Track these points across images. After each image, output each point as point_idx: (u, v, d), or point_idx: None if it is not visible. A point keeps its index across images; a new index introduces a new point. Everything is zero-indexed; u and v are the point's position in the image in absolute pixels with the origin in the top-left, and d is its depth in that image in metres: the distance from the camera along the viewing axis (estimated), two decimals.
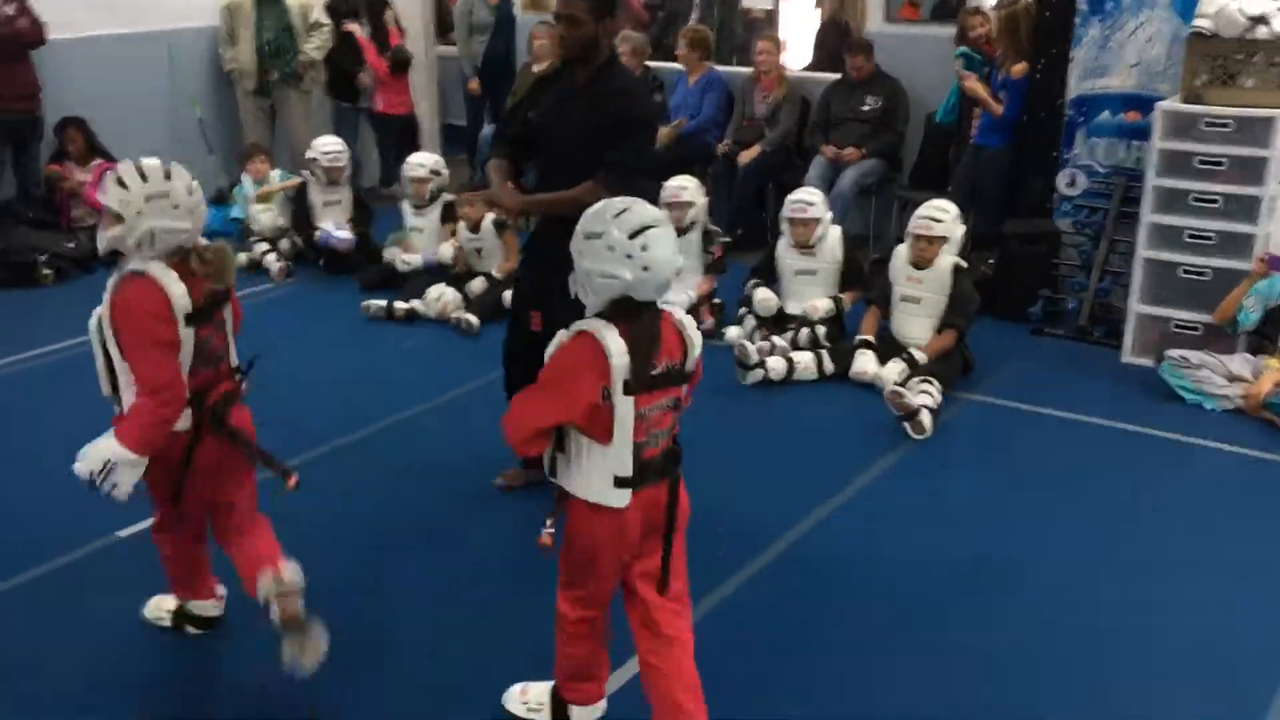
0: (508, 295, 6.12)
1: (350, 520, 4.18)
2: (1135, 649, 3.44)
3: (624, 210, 2.65)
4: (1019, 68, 6.45)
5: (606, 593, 2.87)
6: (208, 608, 3.48)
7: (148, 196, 2.92)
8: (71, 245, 7.18)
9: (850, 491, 4.38)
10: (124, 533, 4.01)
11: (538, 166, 4.24)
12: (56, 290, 6.87)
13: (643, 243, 2.59)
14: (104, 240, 3.01)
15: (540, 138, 4.11)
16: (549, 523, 2.77)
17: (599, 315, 2.67)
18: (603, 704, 3.07)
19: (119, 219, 2.91)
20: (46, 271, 6.95)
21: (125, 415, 2.98)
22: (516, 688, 3.13)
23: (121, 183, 2.93)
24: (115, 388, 3.04)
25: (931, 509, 4.27)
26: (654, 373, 2.66)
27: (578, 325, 2.68)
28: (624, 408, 2.61)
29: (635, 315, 2.65)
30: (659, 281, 2.63)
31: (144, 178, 2.95)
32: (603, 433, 2.63)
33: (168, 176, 2.98)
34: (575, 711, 3.05)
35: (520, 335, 4.13)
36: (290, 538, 3.54)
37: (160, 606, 3.53)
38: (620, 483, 2.67)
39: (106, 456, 2.88)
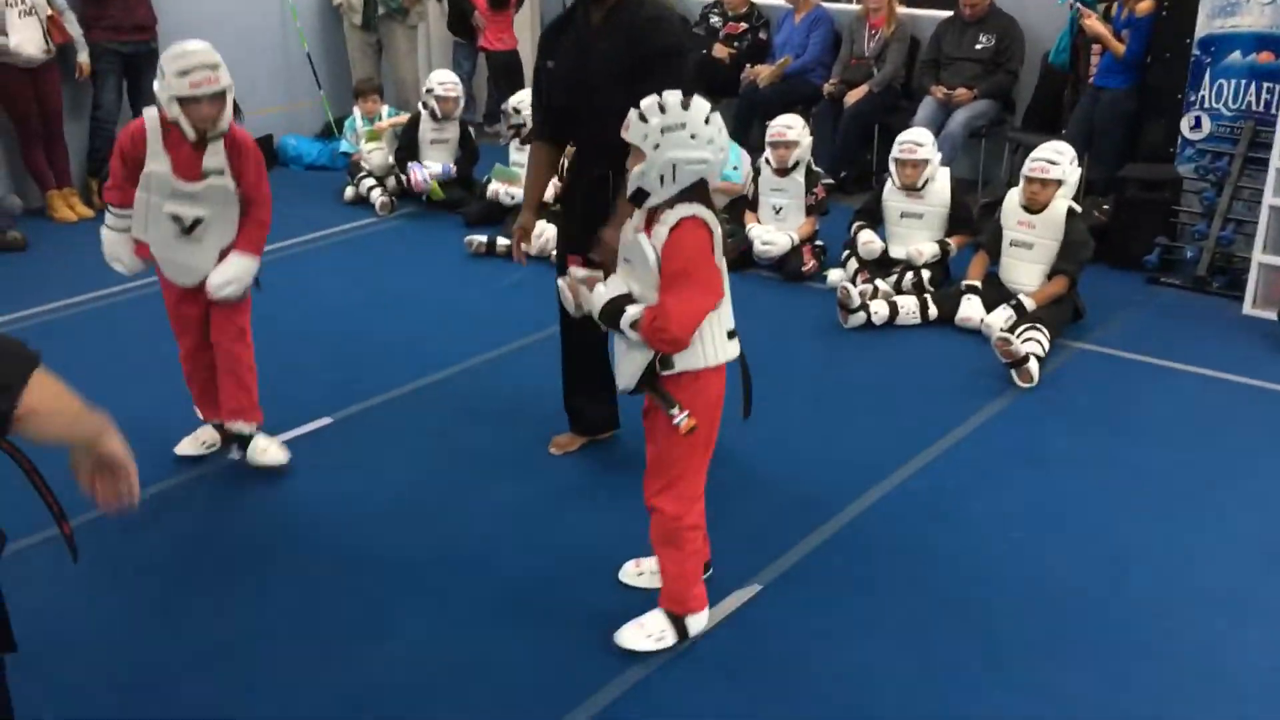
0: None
1: (449, 451, 4.26)
2: (1239, 611, 3.33)
3: (688, 100, 2.85)
4: (1144, 5, 6.18)
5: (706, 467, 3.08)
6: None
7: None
8: None
9: (954, 438, 4.31)
10: (238, 455, 4.14)
11: (568, 116, 3.87)
12: None
13: (716, 125, 2.84)
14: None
15: (564, 86, 3.81)
16: (677, 411, 2.89)
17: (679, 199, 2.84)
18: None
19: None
20: None
21: (247, 233, 3.80)
22: (630, 625, 3.16)
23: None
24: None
25: (1036, 458, 4.18)
26: None
27: (677, 214, 2.83)
28: (723, 266, 2.90)
29: (704, 190, 2.88)
30: (724, 160, 2.91)
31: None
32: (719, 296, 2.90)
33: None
34: (692, 621, 3.15)
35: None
36: (399, 461, 3.59)
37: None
38: (730, 335, 2.99)
39: (251, 271, 3.80)
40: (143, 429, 4.21)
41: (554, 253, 6.09)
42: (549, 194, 6.51)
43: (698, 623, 3.17)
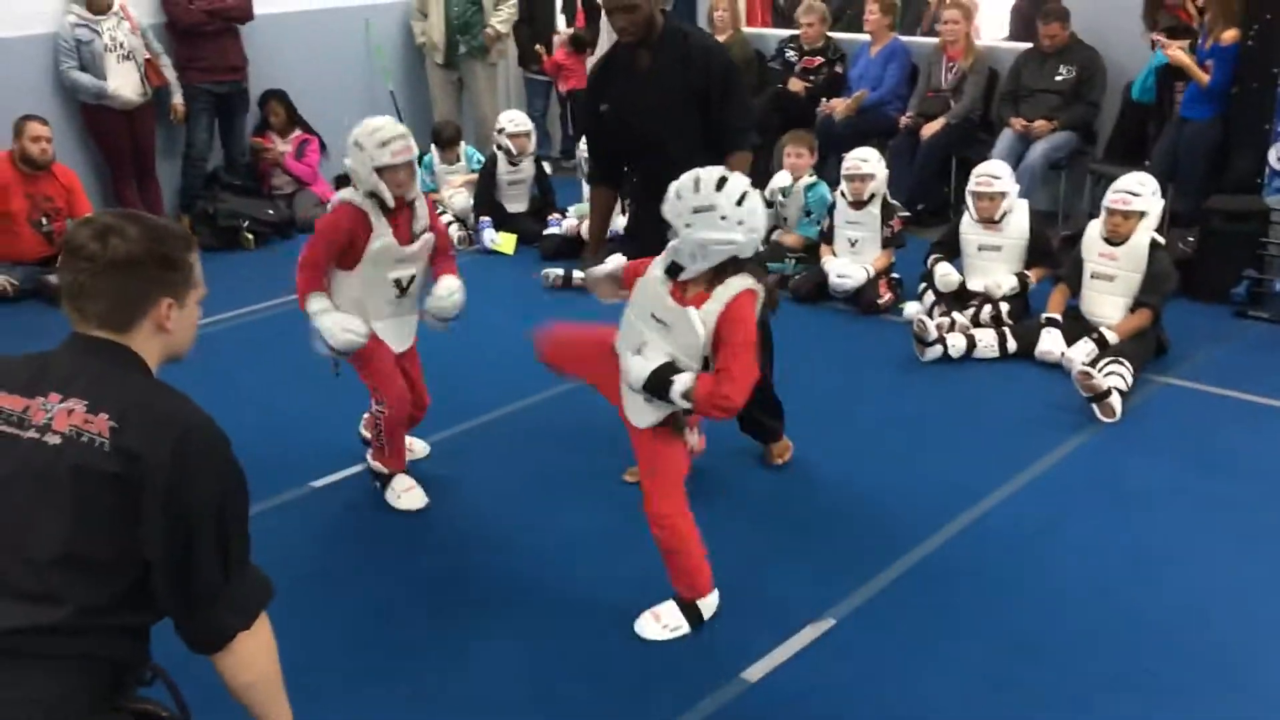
0: None
1: (520, 478, 4.31)
2: None
3: (723, 180, 2.97)
4: (1230, 34, 6.07)
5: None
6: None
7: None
8: (271, 212, 7.57)
9: (1033, 473, 4.24)
10: (318, 483, 4.24)
11: (629, 156, 4.03)
12: (257, 255, 7.26)
13: (749, 208, 2.96)
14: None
15: (625, 126, 3.91)
16: (689, 431, 3.21)
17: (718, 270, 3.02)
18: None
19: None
20: (248, 236, 7.35)
21: (447, 263, 4.18)
22: (646, 616, 3.31)
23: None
24: None
25: (1119, 494, 4.10)
26: None
27: (734, 288, 3.00)
28: None
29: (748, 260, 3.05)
30: (759, 239, 3.04)
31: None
32: None
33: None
34: (704, 605, 3.35)
35: None
36: (466, 492, 3.63)
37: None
38: None
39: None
40: None
41: None
42: (623, 224, 6.64)
43: (709, 605, 3.35)
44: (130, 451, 1.92)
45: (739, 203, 2.95)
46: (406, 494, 4.09)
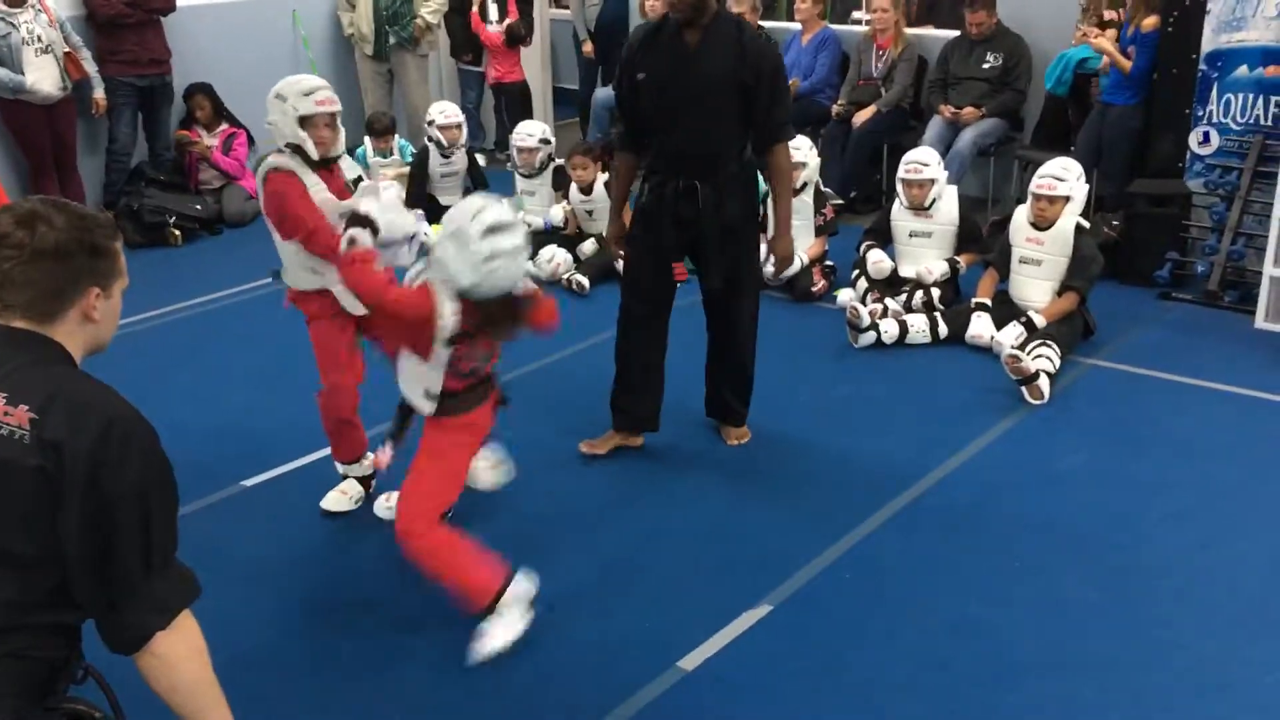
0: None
1: None
2: (1252, 626, 3.31)
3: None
4: (1150, 21, 6.19)
5: None
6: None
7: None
8: (198, 208, 7.43)
9: (964, 456, 4.30)
10: (249, 482, 4.18)
11: (656, 129, 4.08)
12: (183, 251, 7.12)
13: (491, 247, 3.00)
14: None
15: (661, 98, 3.99)
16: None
17: None
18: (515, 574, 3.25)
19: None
20: (175, 232, 7.22)
21: None
22: (474, 645, 3.17)
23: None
24: None
25: (1048, 475, 4.17)
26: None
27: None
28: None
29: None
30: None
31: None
32: None
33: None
34: (508, 598, 3.18)
35: (646, 293, 4.19)
36: None
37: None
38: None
39: None
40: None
41: (565, 276, 6.18)
42: (559, 219, 6.62)
43: (520, 589, 3.21)
44: (51, 442, 1.87)
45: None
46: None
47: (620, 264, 4.42)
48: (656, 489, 4.12)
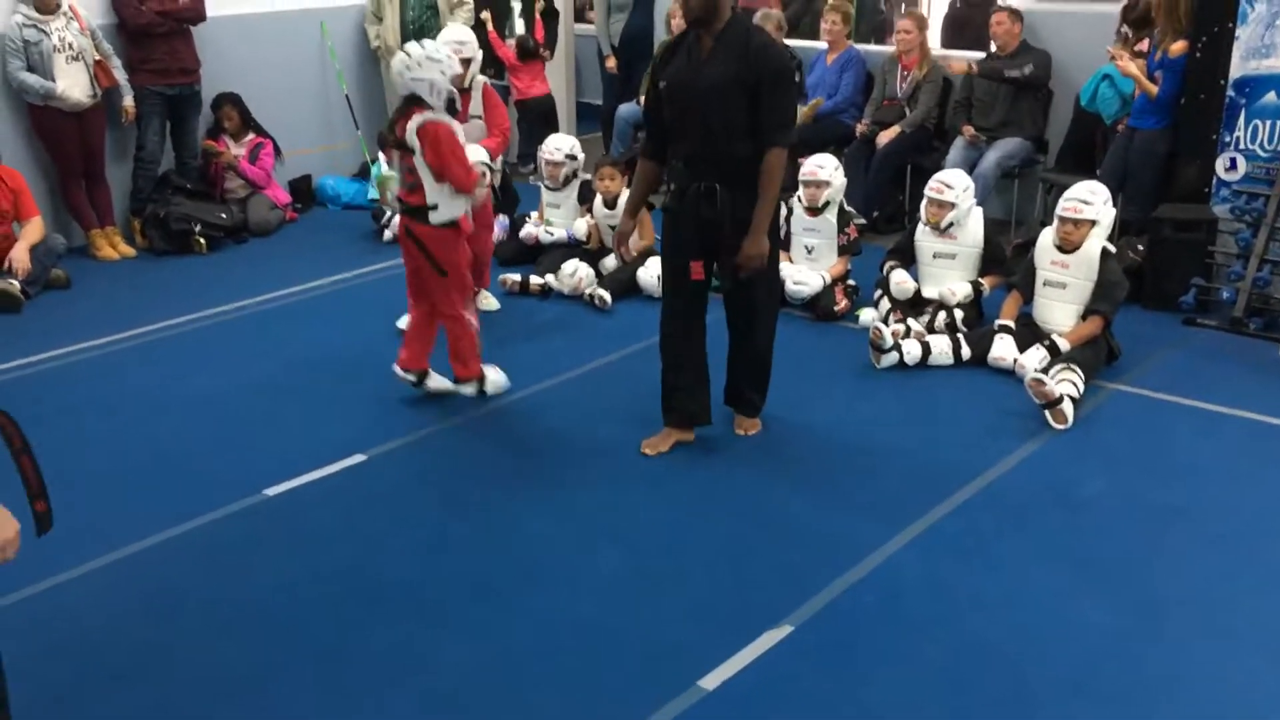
0: (642, 273, 6.21)
1: (481, 484, 4.28)
2: (1276, 655, 3.29)
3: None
4: (1178, 46, 6.17)
5: None
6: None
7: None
8: (224, 216, 7.48)
9: (986, 479, 4.28)
10: (271, 491, 4.20)
11: (676, 134, 4.23)
12: (209, 259, 7.17)
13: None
14: None
15: (676, 103, 4.17)
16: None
17: None
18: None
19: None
20: (200, 240, 7.26)
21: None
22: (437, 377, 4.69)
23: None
24: None
25: (1070, 500, 4.15)
26: None
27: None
28: None
29: None
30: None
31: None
32: None
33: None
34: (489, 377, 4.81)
35: (683, 291, 4.34)
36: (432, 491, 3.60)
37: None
38: None
39: None
40: (176, 462, 4.30)
41: (588, 291, 6.19)
42: (582, 232, 6.64)
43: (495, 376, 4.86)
44: None
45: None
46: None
47: (623, 261, 4.84)
48: (671, 508, 4.11)
